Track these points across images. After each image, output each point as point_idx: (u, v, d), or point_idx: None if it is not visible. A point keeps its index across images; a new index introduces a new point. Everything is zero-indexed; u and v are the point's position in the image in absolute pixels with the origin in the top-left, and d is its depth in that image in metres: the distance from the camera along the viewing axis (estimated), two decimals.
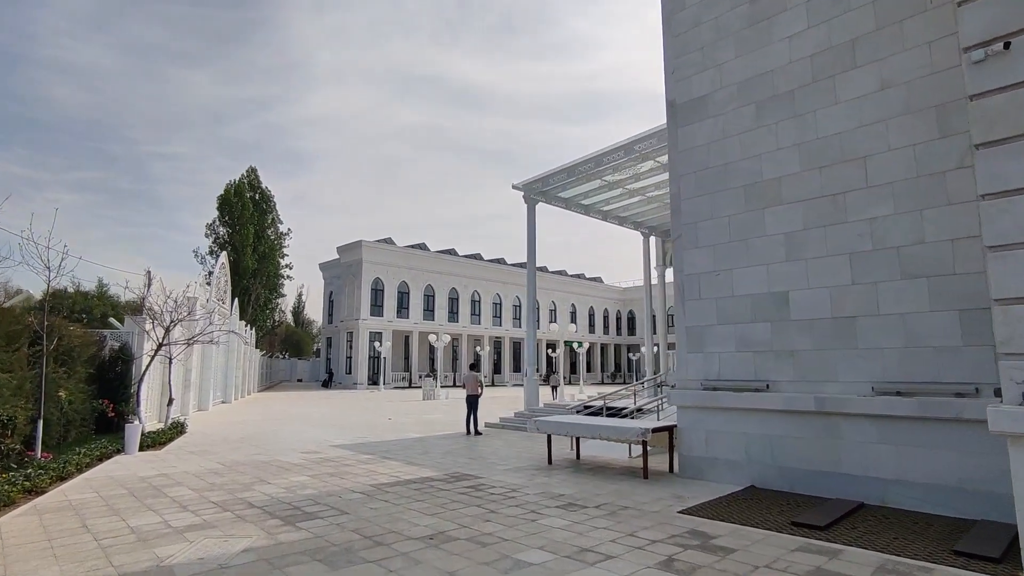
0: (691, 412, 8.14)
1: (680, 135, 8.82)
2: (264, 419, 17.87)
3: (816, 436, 6.89)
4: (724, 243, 8.06)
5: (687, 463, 8.10)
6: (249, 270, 40.93)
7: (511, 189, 17.70)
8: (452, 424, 16.35)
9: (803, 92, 7.45)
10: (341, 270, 49.20)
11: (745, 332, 7.70)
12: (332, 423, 16.68)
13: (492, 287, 57.72)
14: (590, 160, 15.39)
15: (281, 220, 45.97)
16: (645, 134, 14.18)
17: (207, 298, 20.46)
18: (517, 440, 12.68)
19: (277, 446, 11.52)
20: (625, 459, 9.79)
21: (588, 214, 19.35)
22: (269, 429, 14.89)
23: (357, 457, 10.02)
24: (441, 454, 10.46)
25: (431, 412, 21.41)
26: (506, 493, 7.05)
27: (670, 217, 8.89)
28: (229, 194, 41.51)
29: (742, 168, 7.98)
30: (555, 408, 15.59)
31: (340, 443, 12.01)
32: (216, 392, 23.45)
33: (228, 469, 8.78)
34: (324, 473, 8.41)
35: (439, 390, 32.13)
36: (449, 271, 53.53)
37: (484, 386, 14.07)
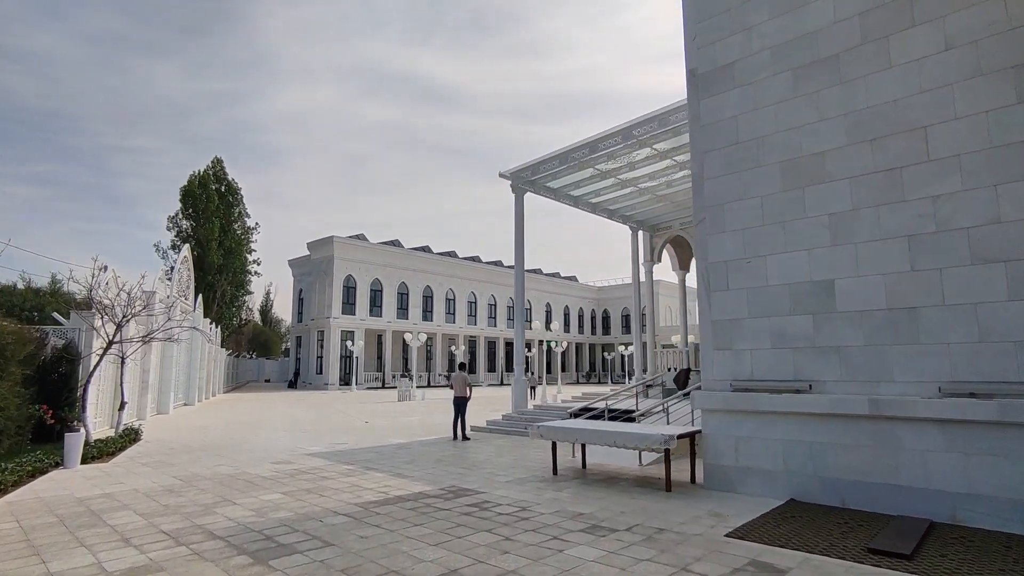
0: (718, 416, 7.26)
1: (703, 107, 7.94)
2: (230, 423, 16.48)
3: (868, 443, 6.07)
4: (756, 227, 7.20)
5: (714, 473, 7.22)
6: (214, 265, 38.96)
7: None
8: (434, 427, 15.26)
9: (850, 56, 6.63)
10: (312, 267, 47.46)
11: (782, 326, 6.84)
12: (305, 427, 15.41)
13: (467, 285, 56.57)
14: (585, 146, 14.47)
15: (248, 214, 44.06)
16: (645, 117, 13.33)
17: (168, 293, 18.93)
18: (509, 446, 11.68)
19: (245, 456, 10.28)
20: (635, 467, 8.88)
21: (577, 206, 18.45)
22: (236, 435, 13.57)
23: (336, 468, 8.88)
24: (430, 463, 9.39)
25: (409, 414, 20.24)
26: (516, 513, 6.05)
27: (692, 199, 8.01)
28: (193, 185, 39.44)
29: (777, 142, 7.13)
30: (546, 410, 14.64)
31: (315, 451, 10.83)
32: (178, 394, 21.86)
33: (187, 485, 7.56)
34: (300, 489, 7.27)
35: (415, 391, 30.91)
36: (423, 268, 52.21)
37: (471, 387, 13.01)
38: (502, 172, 16.40)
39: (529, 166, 15.78)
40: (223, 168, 42.57)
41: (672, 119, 12.92)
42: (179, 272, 22.06)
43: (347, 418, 18.56)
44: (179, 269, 22.21)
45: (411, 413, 20.78)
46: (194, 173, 40.13)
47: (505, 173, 16.34)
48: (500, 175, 16.43)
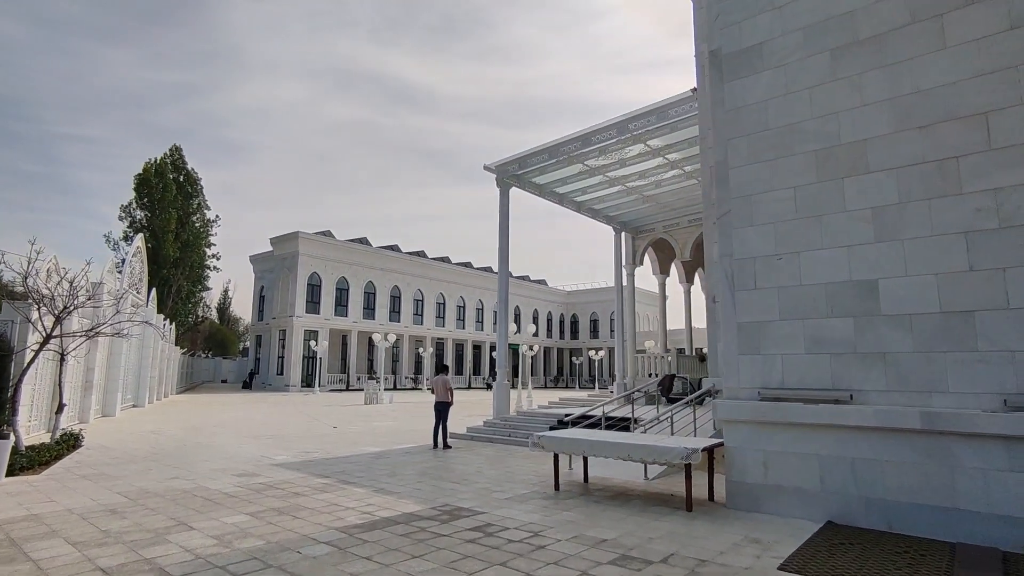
0: (744, 428, 6.59)
1: (727, 92, 7.30)
2: (185, 428, 15.13)
3: (919, 461, 5.47)
4: (788, 220, 6.58)
5: (739, 491, 6.54)
6: (170, 259, 36.88)
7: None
8: (409, 434, 14.28)
9: (896, 36, 6.07)
10: (275, 263, 45.62)
11: (818, 329, 6.22)
12: (268, 432, 14.21)
13: (436, 286, 55.45)
14: (577, 139, 13.78)
15: (208, 206, 42.03)
16: (643, 110, 12.72)
17: (118, 286, 17.41)
18: (496, 455, 10.83)
19: (202, 466, 9.15)
20: (641, 481, 8.16)
21: (562, 203, 17.77)
22: (191, 441, 12.32)
23: (309, 482, 7.87)
24: (415, 476, 8.47)
25: (379, 419, 19.16)
26: (528, 540, 5.22)
27: (714, 189, 7.37)
28: (149, 173, 37.28)
29: (812, 129, 6.52)
30: (531, 417, 13.83)
31: (283, 460, 9.76)
32: (126, 395, 20.23)
33: (133, 505, 6.47)
34: (270, 509, 6.27)
35: (383, 393, 29.70)
36: (391, 268, 50.88)
37: (453, 391, 12.11)
38: (487, 165, 15.59)
39: (516, 159, 15.00)
40: (182, 157, 40.46)
41: (671, 113, 12.36)
42: (131, 264, 20.45)
43: (313, 422, 17.37)
44: (131, 260, 20.60)
45: (381, 417, 19.69)
46: (150, 160, 37.97)
47: (490, 166, 15.53)
48: (485, 168, 15.61)
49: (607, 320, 72.95)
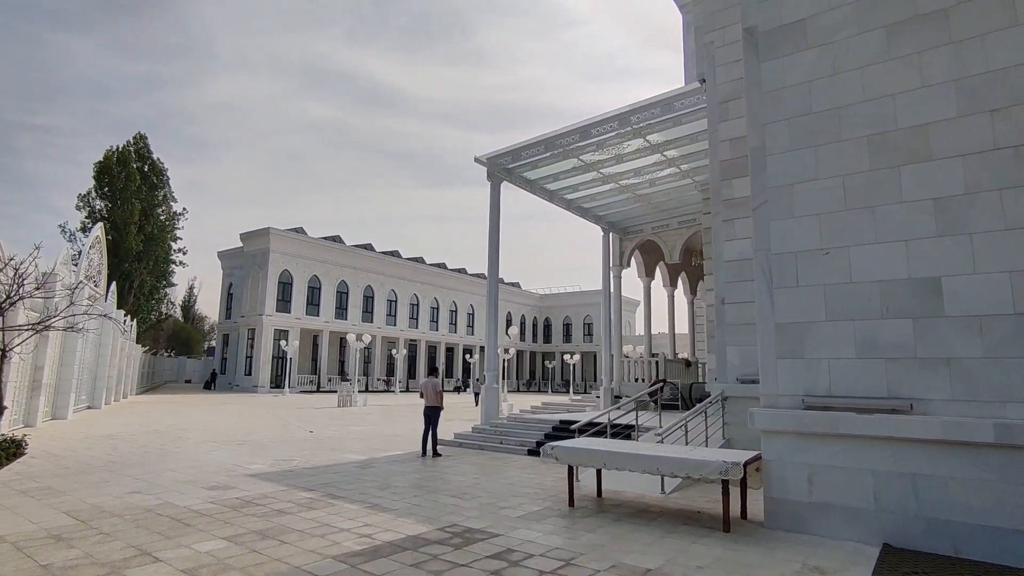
0: (785, 439, 5.98)
1: (764, 72, 6.71)
2: (146, 432, 13.92)
3: (992, 479, 4.92)
4: (836, 211, 5.99)
5: (779, 509, 5.91)
6: (132, 252, 35.01)
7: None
8: (391, 439, 13.39)
9: (963, 10, 5.55)
10: (244, 260, 43.91)
11: (872, 332, 5.64)
12: (239, 437, 13.14)
13: (409, 287, 54.33)
14: (575, 131, 13.12)
15: (175, 198, 40.11)
16: (647, 102, 12.15)
17: (74, 280, 16.06)
18: (489, 464, 10.06)
19: (167, 477, 8.14)
20: (657, 495, 7.50)
21: (552, 200, 17.10)
22: (153, 447, 11.21)
23: (292, 496, 6.98)
24: (409, 489, 7.64)
25: (357, 423, 18.16)
26: (560, 570, 4.48)
27: (749, 179, 6.75)
28: (111, 161, 35.34)
29: (864, 113, 5.96)
30: (521, 423, 13.07)
31: (259, 470, 8.80)
32: (80, 395, 18.77)
33: (84, 528, 5.50)
34: (250, 532, 5.38)
35: (357, 396, 28.58)
36: (365, 267, 49.59)
37: (443, 394, 11.29)
38: (478, 157, 14.81)
39: (509, 151, 14.27)
40: (147, 146, 38.55)
41: (677, 105, 11.81)
42: (87, 255, 19.02)
43: (287, 426, 16.29)
44: (88, 252, 19.16)
45: (358, 421, 18.68)
46: (112, 148, 36.03)
47: (481, 158, 14.76)
48: (476, 160, 14.83)
49: (580, 324, 72.78)
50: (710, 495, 7.51)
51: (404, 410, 25.45)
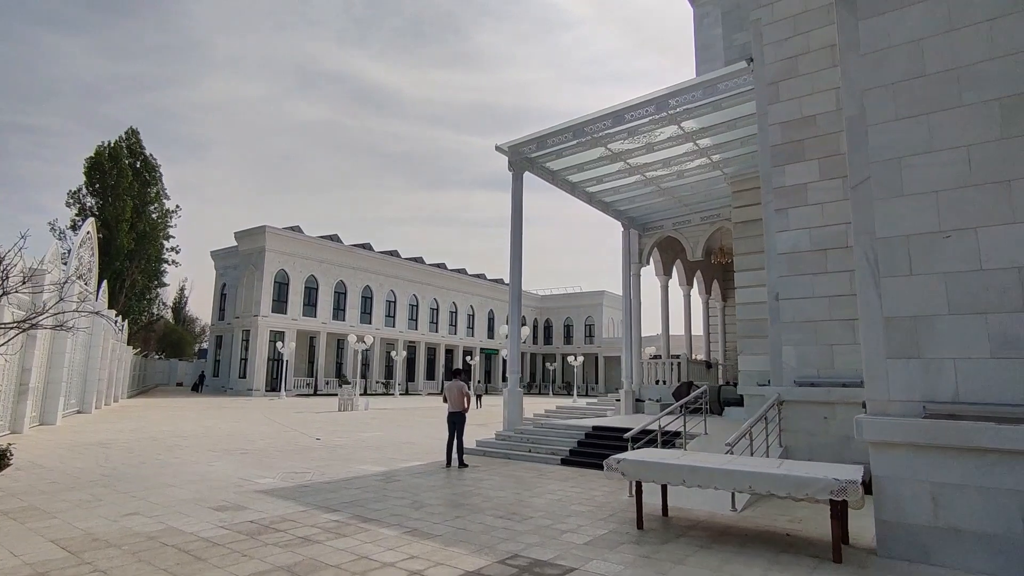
0: (901, 453, 5.12)
1: (863, 31, 5.86)
2: (140, 439, 12.92)
3: None
4: (959, 188, 5.15)
5: (895, 534, 5.05)
6: (124, 251, 33.83)
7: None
8: (405, 447, 12.46)
9: None
10: (239, 259, 42.79)
11: (1011, 327, 4.79)
12: (240, 445, 12.16)
13: (409, 287, 53.33)
14: (608, 116, 12.26)
15: (168, 195, 38.94)
16: (688, 84, 11.33)
17: (64, 278, 15.03)
18: (525, 475, 9.15)
19: (167, 494, 7.19)
20: (730, 512, 6.63)
21: (573, 193, 16.26)
22: (149, 458, 10.23)
23: (316, 519, 6.05)
24: (446, 508, 6.72)
25: (363, 428, 17.20)
26: None
27: (846, 155, 5.89)
28: (102, 157, 34.17)
29: (993, 73, 5.12)
30: (549, 429, 12.16)
31: (270, 486, 7.86)
32: (70, 399, 17.71)
33: (75, 563, 4.55)
34: (277, 569, 4.45)
35: (359, 399, 27.57)
36: (363, 267, 48.55)
37: (470, 399, 10.36)
38: (499, 145, 13.93)
39: (534, 138, 13.40)
40: (139, 141, 37.39)
41: (721, 87, 11.00)
42: (77, 252, 17.97)
43: (289, 432, 15.30)
44: (78, 250, 18.11)
45: (365, 427, 17.72)
46: (103, 144, 34.84)
47: (503, 147, 13.88)
48: (497, 148, 13.95)
49: (582, 326, 72.08)
50: (788, 512, 6.65)
51: (409, 414, 24.49)
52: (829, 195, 9.30)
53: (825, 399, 8.86)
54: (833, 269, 9.14)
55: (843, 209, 9.13)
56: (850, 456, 8.69)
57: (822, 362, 9.08)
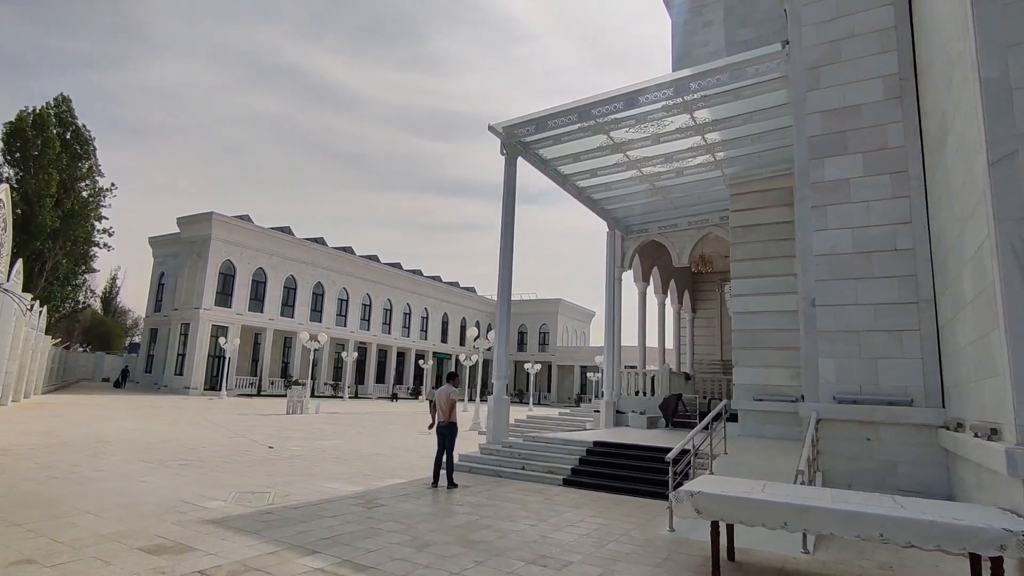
0: None
1: None
2: (51, 444, 10.78)
3: None
4: None
5: None
6: (46, 229, 30.38)
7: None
8: (375, 460, 10.87)
9: None
10: (181, 247, 39.58)
11: None
12: (179, 453, 10.26)
13: (363, 286, 51.04)
14: (619, 98, 11.08)
15: (102, 172, 35.46)
16: (713, 66, 10.28)
17: None
18: (528, 500, 7.78)
19: (82, 527, 5.43)
20: (801, 555, 5.45)
21: (564, 186, 15.06)
22: (61, 469, 8.27)
23: (290, 568, 4.49)
24: (461, 549, 5.27)
25: (320, 435, 15.38)
26: None
27: (982, 124, 4.84)
28: (24, 123, 30.60)
29: None
30: (546, 444, 10.79)
31: (222, 511, 6.19)
32: None
33: None
34: None
35: (308, 402, 25.46)
36: (316, 262, 46.02)
37: (449, 405, 8.87)
38: (492, 125, 12.58)
39: (532, 119, 12.11)
40: (71, 110, 33.86)
41: (749, 71, 9.98)
42: None
43: (237, 438, 13.36)
44: None
45: (320, 433, 15.88)
46: (25, 109, 31.29)
47: (496, 127, 12.52)
48: (490, 128, 12.59)
49: (536, 333, 71.31)
50: (865, 555, 5.55)
51: (364, 420, 22.64)
52: (875, 192, 8.41)
53: (869, 418, 7.91)
54: (880, 274, 8.23)
55: (891, 208, 8.27)
56: (895, 484, 7.77)
57: (865, 377, 8.13)
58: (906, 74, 8.40)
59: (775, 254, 14.10)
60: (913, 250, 8.02)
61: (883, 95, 8.53)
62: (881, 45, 8.65)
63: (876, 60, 8.66)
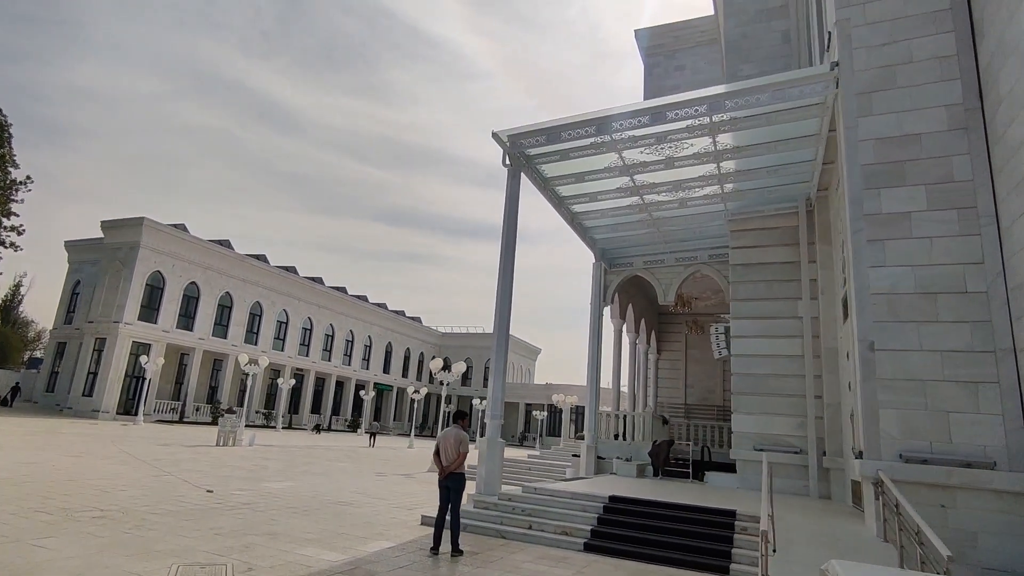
0: None
1: None
2: None
3: None
4: None
5: None
6: None
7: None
8: (346, 512, 9.02)
9: None
10: (103, 254, 35.80)
11: None
12: (97, 502, 8.07)
13: (304, 309, 48.12)
14: (645, 111, 10.06)
15: (16, 163, 31.67)
16: (753, 85, 9.48)
17: None
18: (554, 572, 6.25)
19: None
20: None
21: (559, 208, 13.98)
22: None
23: None
24: None
25: (265, 474, 13.19)
26: None
27: None
28: None
29: None
30: (554, 497, 9.24)
31: None
32: None
33: None
34: None
35: (243, 432, 22.74)
36: (255, 280, 42.97)
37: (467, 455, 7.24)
38: (496, 132, 11.34)
39: (543, 129, 10.96)
40: None
41: (793, 92, 9.21)
42: None
43: (162, 476, 11.06)
44: None
45: (265, 472, 13.64)
46: None
47: (500, 135, 11.29)
48: (494, 135, 11.36)
49: (481, 368, 69.52)
50: None
51: (307, 455, 20.26)
52: (940, 229, 7.67)
53: (944, 482, 6.94)
54: (947, 319, 7.41)
55: (959, 247, 7.52)
56: (975, 557, 6.76)
57: (935, 433, 7.20)
58: (972, 104, 7.82)
59: (779, 295, 13.43)
60: (987, 293, 7.26)
61: (947, 125, 7.91)
62: (942, 73, 8.08)
63: (937, 88, 8.08)
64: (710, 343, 25.21)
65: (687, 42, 29.13)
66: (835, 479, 11.73)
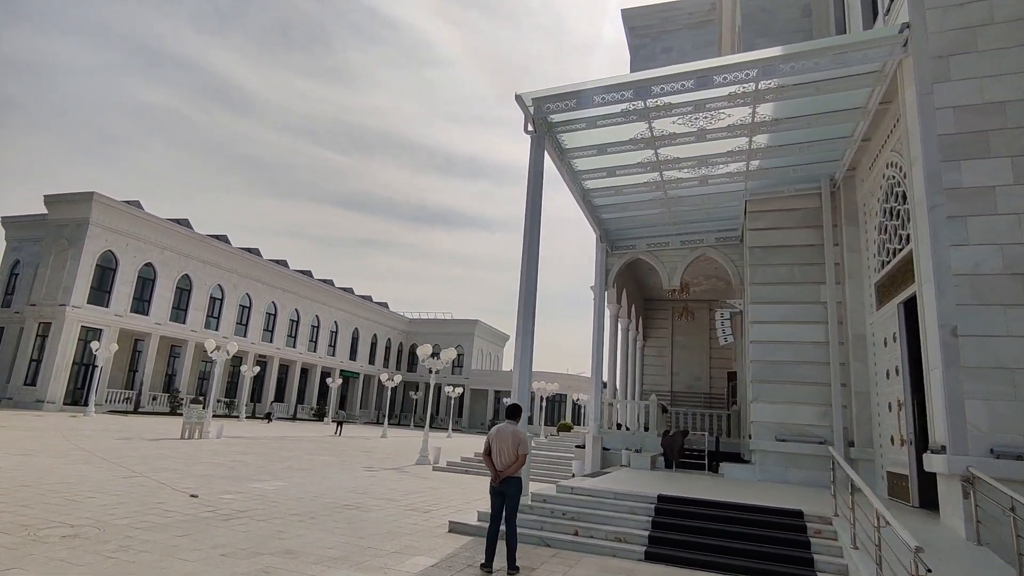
0: None
1: None
2: None
3: None
4: None
5: None
6: None
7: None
8: (354, 514, 7.92)
9: None
10: (47, 231, 33.03)
11: None
12: (63, 514, 6.73)
13: (268, 293, 46.02)
14: (690, 74, 9.11)
15: None
16: (811, 47, 8.66)
17: None
18: None
19: None
20: None
21: (573, 182, 12.98)
22: None
23: None
24: None
25: (248, 471, 11.88)
26: None
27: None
28: None
29: None
30: (592, 497, 8.32)
31: None
32: None
33: None
34: None
35: (210, 423, 21.10)
36: (216, 262, 40.73)
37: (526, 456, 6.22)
38: (520, 94, 10.21)
39: (573, 92, 9.88)
40: None
41: (851, 58, 8.42)
42: None
43: (134, 478, 9.66)
44: None
45: (247, 469, 12.31)
46: None
47: (524, 97, 10.16)
48: (517, 98, 10.23)
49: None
50: None
51: (281, 447, 18.85)
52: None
53: None
54: None
55: None
56: None
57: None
58: None
59: (800, 279, 12.83)
60: None
61: None
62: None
63: (1022, 52, 7.43)
64: (698, 329, 24.96)
65: (674, 24, 28.37)
66: (863, 470, 11.22)
